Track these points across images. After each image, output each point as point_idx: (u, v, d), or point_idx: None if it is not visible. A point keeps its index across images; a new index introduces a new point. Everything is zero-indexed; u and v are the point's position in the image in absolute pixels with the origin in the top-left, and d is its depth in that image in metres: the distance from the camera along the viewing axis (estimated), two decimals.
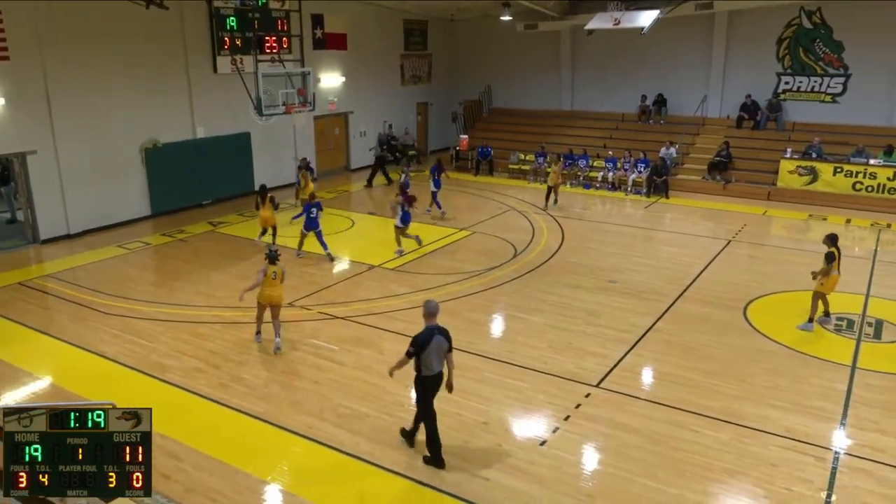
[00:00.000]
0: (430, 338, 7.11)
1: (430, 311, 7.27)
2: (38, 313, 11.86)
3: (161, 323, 11.34)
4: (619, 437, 8.01)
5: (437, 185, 18.34)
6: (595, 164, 23.02)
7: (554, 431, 8.14)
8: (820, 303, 11.19)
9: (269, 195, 15.38)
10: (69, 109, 15.76)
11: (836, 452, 7.75)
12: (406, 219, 15.12)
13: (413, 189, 16.43)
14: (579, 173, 22.78)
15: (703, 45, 23.69)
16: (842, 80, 21.88)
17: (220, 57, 18.54)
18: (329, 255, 14.73)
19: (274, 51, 15.36)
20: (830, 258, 10.86)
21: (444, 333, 7.26)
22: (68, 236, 16.29)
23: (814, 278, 11.17)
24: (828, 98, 22.21)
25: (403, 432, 7.89)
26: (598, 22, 20.42)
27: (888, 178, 18.99)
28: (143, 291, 12.90)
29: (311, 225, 14.55)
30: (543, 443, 7.90)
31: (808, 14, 21.97)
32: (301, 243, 14.92)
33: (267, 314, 10.32)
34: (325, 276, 13.84)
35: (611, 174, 22.25)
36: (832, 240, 11.13)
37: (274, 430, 8.19)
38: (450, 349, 7.32)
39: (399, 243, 15.26)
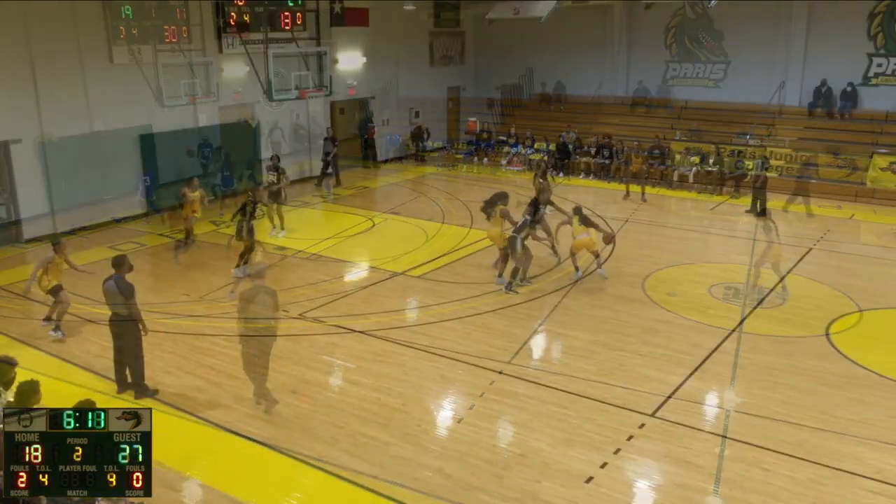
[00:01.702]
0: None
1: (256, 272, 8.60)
2: None
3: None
4: (531, 409, 8.48)
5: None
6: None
7: (470, 408, 8.54)
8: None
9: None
10: None
11: (727, 411, 8.55)
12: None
13: None
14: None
15: (600, 32, 24.72)
16: (723, 66, 23.36)
17: (116, 47, 17.64)
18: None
19: (174, 40, 14.94)
20: None
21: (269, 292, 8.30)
22: None
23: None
24: (710, 83, 23.67)
25: None
26: (498, 11, 21.01)
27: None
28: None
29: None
30: (460, 420, 8.31)
31: (691, 5, 23.29)
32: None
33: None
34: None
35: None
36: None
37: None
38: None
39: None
